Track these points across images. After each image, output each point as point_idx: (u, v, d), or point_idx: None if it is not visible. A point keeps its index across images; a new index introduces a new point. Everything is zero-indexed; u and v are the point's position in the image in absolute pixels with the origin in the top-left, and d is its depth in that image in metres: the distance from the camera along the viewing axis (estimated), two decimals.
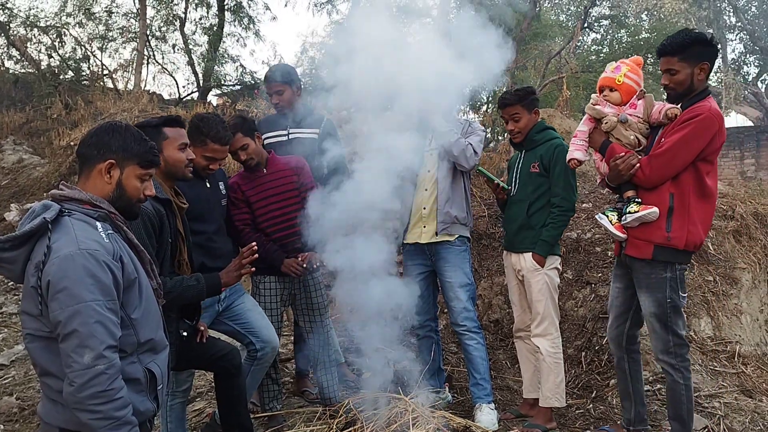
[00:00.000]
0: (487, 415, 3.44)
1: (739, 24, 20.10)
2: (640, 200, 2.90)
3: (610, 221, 3.00)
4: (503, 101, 3.56)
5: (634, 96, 3.00)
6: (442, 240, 3.59)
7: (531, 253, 3.43)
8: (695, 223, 2.84)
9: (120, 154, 1.97)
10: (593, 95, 3.12)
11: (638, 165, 2.87)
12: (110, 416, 1.74)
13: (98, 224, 1.89)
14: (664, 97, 3.18)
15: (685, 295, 2.98)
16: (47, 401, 1.87)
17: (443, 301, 3.81)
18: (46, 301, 1.75)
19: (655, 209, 2.83)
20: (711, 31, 18.30)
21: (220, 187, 3.27)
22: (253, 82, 14.36)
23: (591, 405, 3.79)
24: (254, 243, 2.71)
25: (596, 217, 3.18)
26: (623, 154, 2.91)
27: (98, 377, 1.72)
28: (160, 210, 2.47)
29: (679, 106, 2.90)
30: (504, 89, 5.35)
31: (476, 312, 3.67)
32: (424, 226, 3.64)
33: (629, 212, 2.89)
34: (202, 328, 2.89)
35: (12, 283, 6.49)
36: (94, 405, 1.72)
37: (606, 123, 2.99)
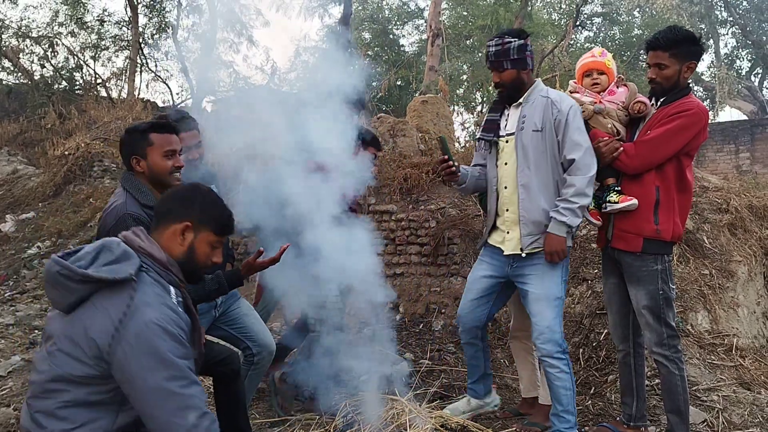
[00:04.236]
0: None
1: (731, 18, 20.19)
2: (619, 188, 2.93)
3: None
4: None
5: (613, 83, 3.07)
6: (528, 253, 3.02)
7: None
8: (678, 214, 2.90)
9: (198, 217, 1.95)
10: (571, 82, 3.15)
11: (622, 149, 2.90)
12: None
13: (171, 289, 1.84)
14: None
15: (674, 286, 3.01)
16: None
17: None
18: (111, 359, 1.69)
19: (635, 201, 2.86)
20: (703, 26, 18.38)
21: (213, 190, 3.26)
22: (247, 87, 14.40)
23: (590, 401, 3.78)
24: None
25: None
26: (606, 138, 2.96)
27: None
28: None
29: (650, 100, 2.97)
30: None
31: (563, 332, 3.03)
32: (507, 232, 3.08)
33: (609, 201, 2.92)
34: None
35: (8, 294, 6.46)
36: None
37: (583, 111, 3.02)
